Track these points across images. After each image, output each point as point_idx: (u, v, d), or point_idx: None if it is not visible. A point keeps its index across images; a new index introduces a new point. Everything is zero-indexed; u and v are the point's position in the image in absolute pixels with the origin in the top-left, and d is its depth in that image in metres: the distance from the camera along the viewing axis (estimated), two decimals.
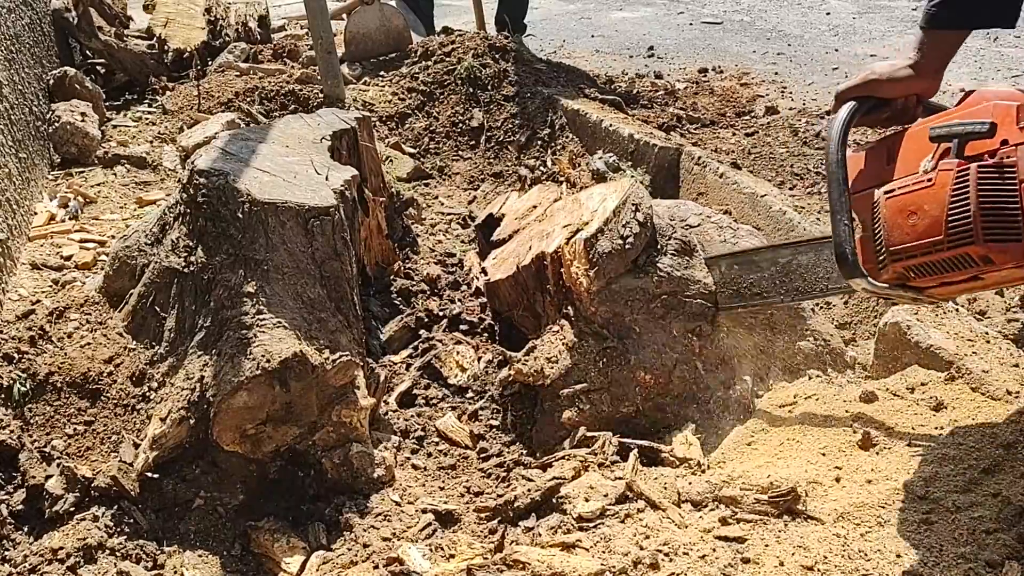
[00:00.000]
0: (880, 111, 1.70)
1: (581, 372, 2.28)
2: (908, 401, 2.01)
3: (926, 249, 1.46)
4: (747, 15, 6.99)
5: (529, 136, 4.10)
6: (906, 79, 1.66)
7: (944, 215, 1.42)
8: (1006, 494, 1.68)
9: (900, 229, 1.51)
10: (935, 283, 1.53)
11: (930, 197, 1.45)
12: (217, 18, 5.02)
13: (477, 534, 1.94)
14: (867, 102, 1.67)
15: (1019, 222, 1.37)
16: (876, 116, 1.71)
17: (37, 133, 3.30)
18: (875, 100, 1.68)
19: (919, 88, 1.68)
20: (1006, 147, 1.40)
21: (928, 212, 1.45)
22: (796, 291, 2.10)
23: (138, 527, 1.93)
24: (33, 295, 2.42)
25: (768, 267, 2.16)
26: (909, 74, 1.66)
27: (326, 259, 2.20)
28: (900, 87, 1.67)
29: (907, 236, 1.49)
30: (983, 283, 1.49)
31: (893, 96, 1.68)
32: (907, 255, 1.50)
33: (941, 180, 1.44)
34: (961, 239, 1.41)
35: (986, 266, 1.41)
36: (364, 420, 2.11)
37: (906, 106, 1.69)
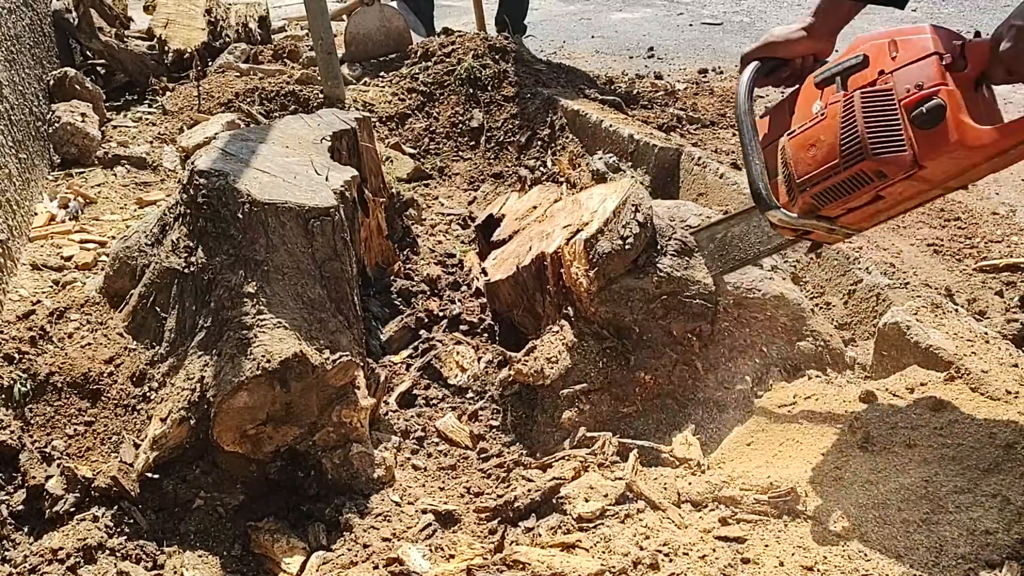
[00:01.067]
0: (781, 71, 1.86)
1: (581, 372, 2.28)
2: (908, 401, 2.01)
3: (826, 174, 1.64)
4: (747, 16, 6.99)
5: (529, 137, 4.10)
6: (801, 40, 1.82)
7: (837, 140, 1.61)
8: (1006, 494, 1.68)
9: (803, 162, 1.68)
10: (842, 209, 1.69)
11: (824, 129, 1.65)
12: (217, 19, 5.03)
13: (477, 534, 1.94)
14: (769, 62, 1.84)
15: (902, 135, 1.55)
16: (778, 76, 1.87)
17: (37, 133, 3.30)
18: (776, 60, 1.85)
19: (814, 49, 1.84)
20: (883, 75, 1.58)
21: (824, 141, 1.64)
22: (736, 260, 2.28)
23: (138, 527, 1.93)
24: (34, 295, 2.42)
25: (707, 244, 2.33)
26: (803, 35, 1.82)
27: (326, 259, 2.20)
28: (796, 48, 1.83)
29: (810, 166, 1.67)
30: (885, 204, 1.66)
31: (790, 56, 1.84)
32: (811, 183, 1.67)
33: (831, 112, 1.64)
34: (854, 157, 1.59)
35: (880, 181, 1.59)
36: (364, 420, 2.11)
37: (804, 66, 1.84)
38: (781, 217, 1.75)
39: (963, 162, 1.58)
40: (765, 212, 1.77)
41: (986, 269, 2.97)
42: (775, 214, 1.76)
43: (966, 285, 2.89)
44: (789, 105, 1.80)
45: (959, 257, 3.08)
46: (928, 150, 1.55)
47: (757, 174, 1.74)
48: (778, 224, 1.82)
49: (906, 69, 1.56)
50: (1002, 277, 2.91)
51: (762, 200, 1.75)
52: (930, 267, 3.00)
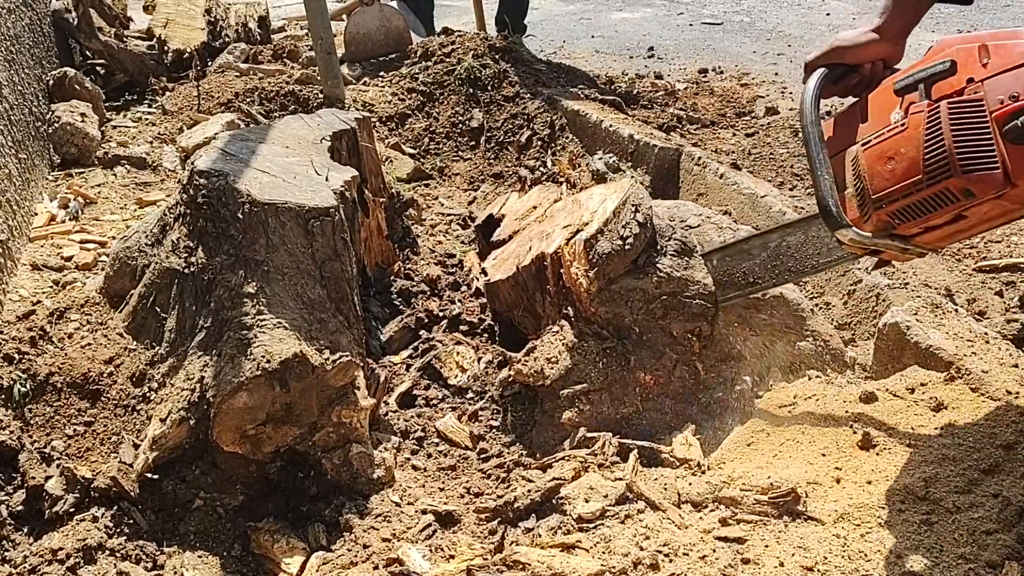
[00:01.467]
0: (849, 78, 1.74)
1: (581, 372, 2.28)
2: (908, 401, 2.01)
3: (907, 191, 1.50)
4: (747, 15, 6.99)
5: (529, 136, 4.10)
6: (870, 44, 1.71)
7: (921, 154, 1.47)
8: (1006, 494, 1.68)
9: (880, 176, 1.55)
10: (920, 228, 1.56)
11: (905, 140, 1.51)
12: (217, 19, 5.02)
13: (477, 535, 1.94)
14: (836, 69, 1.72)
15: (993, 151, 1.41)
16: (845, 83, 1.75)
17: (37, 134, 3.30)
18: (843, 67, 1.72)
19: (883, 53, 1.72)
20: (972, 84, 1.45)
21: (905, 155, 1.50)
22: (789, 272, 2.16)
23: (138, 528, 1.93)
24: (33, 296, 2.42)
25: (759, 253, 2.21)
26: (873, 38, 1.71)
27: (326, 260, 2.20)
28: (865, 52, 1.72)
29: (887, 181, 1.53)
30: (967, 223, 1.53)
31: (859, 61, 1.73)
32: (889, 200, 1.54)
33: (914, 123, 1.50)
34: (940, 174, 1.45)
35: (967, 199, 1.46)
36: (364, 421, 2.11)
37: (874, 72, 1.74)
38: (852, 237, 1.61)
39: None
40: (835, 231, 1.64)
41: (986, 269, 2.97)
42: (846, 233, 1.61)
43: (966, 285, 2.89)
44: (860, 112, 1.68)
45: (959, 257, 3.08)
46: (1022, 168, 1.41)
47: (827, 189, 1.61)
48: (848, 244, 1.68)
49: (999, 78, 1.43)
50: (1002, 277, 2.91)
51: (832, 218, 1.61)
52: (930, 267, 3.00)
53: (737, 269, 2.28)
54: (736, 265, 2.28)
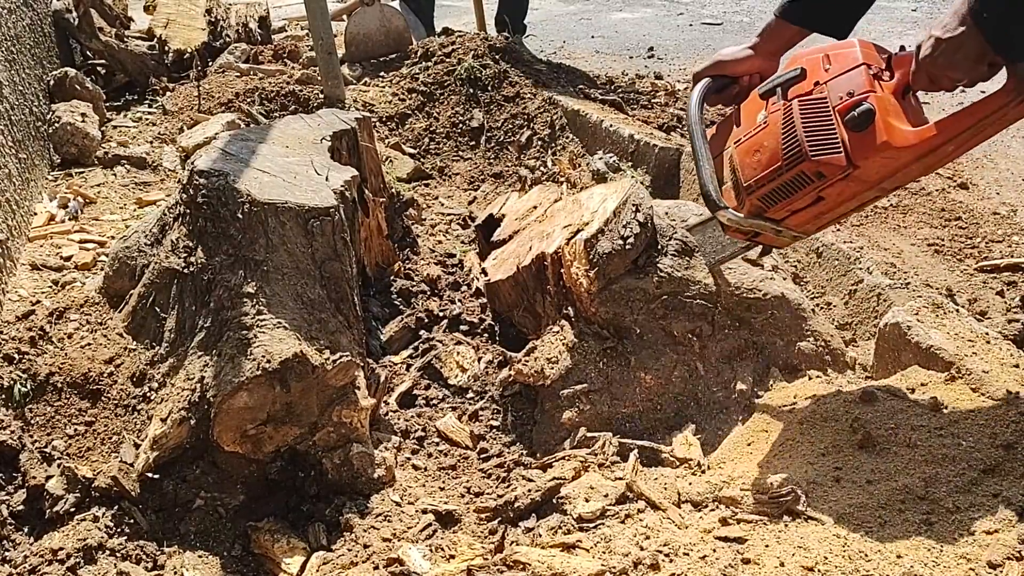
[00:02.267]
0: (729, 88, 1.98)
1: (581, 372, 2.28)
2: (908, 401, 2.01)
3: (771, 176, 1.76)
4: (747, 16, 6.99)
5: (529, 136, 4.10)
6: (746, 59, 1.95)
7: (779, 145, 1.73)
8: (1006, 494, 1.68)
9: (749, 167, 1.81)
10: (786, 211, 1.81)
11: (767, 135, 1.78)
12: (217, 19, 5.03)
13: (477, 534, 1.94)
14: (718, 80, 1.97)
15: (837, 139, 1.67)
16: (727, 93, 1.99)
17: (37, 133, 3.30)
18: (724, 78, 1.97)
19: (759, 68, 1.95)
20: (818, 86, 1.72)
21: (767, 147, 1.77)
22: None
23: (138, 527, 1.93)
24: (33, 295, 2.42)
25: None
26: (749, 54, 1.95)
27: (326, 260, 2.20)
28: (742, 66, 1.96)
29: (755, 170, 1.79)
30: (826, 204, 1.77)
31: (737, 74, 1.97)
32: (758, 185, 1.79)
33: (773, 120, 1.77)
34: (795, 160, 1.71)
35: (820, 181, 1.71)
36: (364, 420, 2.11)
37: (751, 84, 1.95)
38: (730, 217, 1.85)
39: (894, 161, 1.70)
40: (715, 212, 1.87)
41: (987, 269, 2.97)
42: (724, 214, 1.85)
43: (967, 285, 2.89)
44: (735, 118, 1.94)
45: (960, 257, 3.08)
46: (861, 151, 1.67)
47: (707, 177, 1.84)
48: (727, 224, 1.93)
49: (839, 79, 1.70)
50: (1003, 277, 2.91)
51: (711, 201, 1.84)
52: (931, 267, 3.00)
53: None
54: None
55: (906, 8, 6.77)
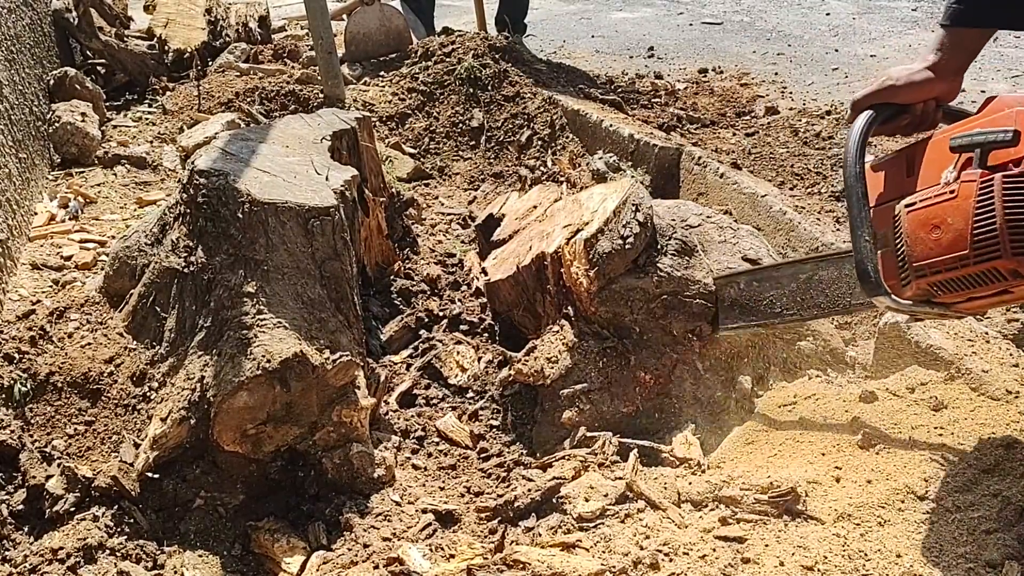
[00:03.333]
0: (899, 119, 1.63)
1: (581, 372, 2.28)
2: (908, 401, 2.01)
3: (951, 264, 1.40)
4: (747, 15, 6.99)
5: (529, 136, 4.10)
6: (925, 82, 1.59)
7: (969, 228, 1.36)
8: (1006, 494, 1.68)
9: (923, 244, 1.44)
10: (962, 298, 1.47)
11: (954, 210, 1.39)
12: (217, 18, 5.02)
13: (477, 534, 1.94)
14: (885, 110, 1.60)
15: None
16: (895, 124, 1.63)
17: (37, 133, 3.30)
18: (893, 107, 1.61)
19: (938, 91, 1.61)
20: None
21: (952, 226, 1.39)
22: (817, 307, 2.03)
23: (138, 527, 1.93)
24: (33, 295, 2.42)
25: (788, 283, 2.09)
26: (928, 77, 1.59)
27: (326, 259, 2.20)
28: (919, 92, 1.60)
29: (931, 251, 1.43)
30: (1012, 296, 1.44)
31: (912, 101, 1.61)
32: (932, 271, 1.44)
33: (964, 192, 1.38)
34: (988, 253, 1.35)
35: (1015, 280, 1.36)
36: (364, 420, 2.11)
37: (926, 111, 1.62)
38: (889, 304, 1.53)
39: None
40: (872, 297, 1.55)
41: None
42: (884, 300, 1.53)
43: None
44: (910, 160, 1.57)
45: None
46: None
47: (866, 253, 1.51)
48: (884, 309, 1.61)
49: None
50: None
51: (870, 284, 1.52)
52: None
53: (763, 296, 2.17)
54: (763, 292, 2.17)
55: (906, 8, 6.77)
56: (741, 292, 2.23)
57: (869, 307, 1.96)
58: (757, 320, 2.19)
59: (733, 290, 2.25)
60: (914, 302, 1.51)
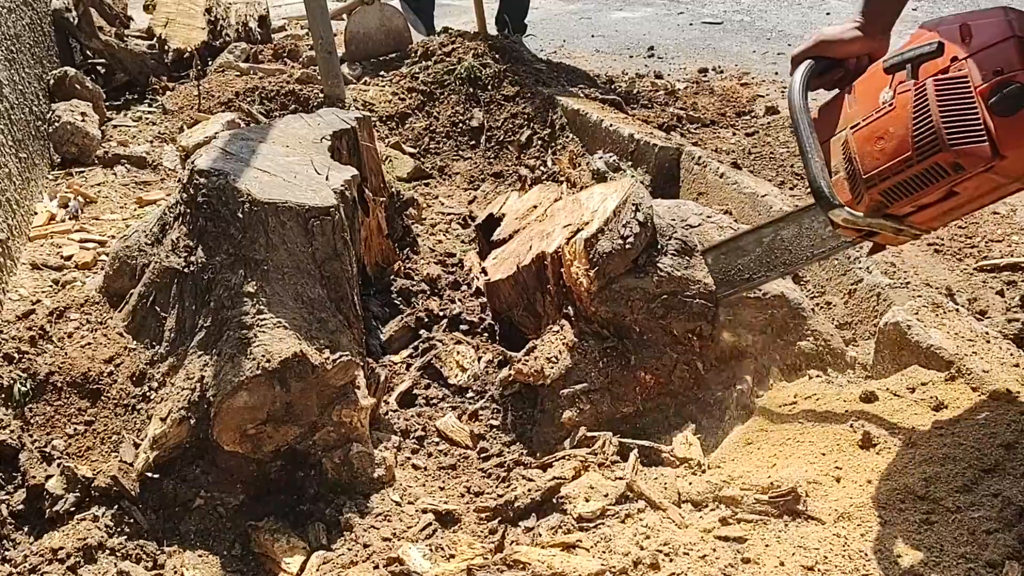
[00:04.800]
0: (834, 72, 1.75)
1: (581, 372, 2.28)
2: (908, 401, 2.01)
3: (898, 168, 1.51)
4: (747, 15, 6.99)
5: (529, 136, 4.10)
6: (854, 40, 1.72)
7: (909, 132, 1.48)
8: (1006, 494, 1.68)
9: (871, 156, 1.56)
10: (912, 207, 1.57)
11: (894, 119, 1.52)
12: (217, 18, 5.02)
13: (477, 534, 1.94)
14: (821, 62, 1.73)
15: (980, 125, 1.43)
16: (830, 76, 1.76)
17: (37, 133, 3.30)
18: (828, 61, 1.73)
19: (868, 48, 1.73)
20: (956, 62, 1.46)
21: (894, 133, 1.51)
22: (784, 264, 2.14)
23: (138, 527, 1.93)
24: (33, 295, 2.42)
25: (754, 249, 2.18)
26: (857, 35, 1.72)
27: (326, 259, 2.20)
28: (848, 47, 1.73)
29: (878, 160, 1.54)
30: (959, 200, 1.54)
31: (844, 56, 1.73)
32: (880, 178, 1.55)
33: (902, 101, 1.51)
34: (929, 149, 1.46)
35: (957, 174, 1.47)
36: (364, 420, 2.11)
37: (859, 66, 1.74)
38: (846, 216, 1.62)
39: None
40: (828, 211, 1.64)
41: (987, 268, 2.97)
42: (839, 213, 1.62)
43: (967, 284, 2.89)
44: (847, 98, 1.70)
45: (960, 256, 3.08)
46: (1009, 139, 1.43)
47: (818, 171, 1.62)
48: (842, 224, 1.68)
49: (983, 54, 1.45)
50: (1003, 276, 2.91)
51: (824, 198, 1.61)
52: (931, 266, 3.00)
53: (733, 266, 2.25)
54: (732, 262, 2.25)
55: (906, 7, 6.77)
56: (711, 269, 2.30)
57: (834, 251, 2.07)
58: (731, 290, 2.27)
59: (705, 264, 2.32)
60: (868, 214, 1.61)
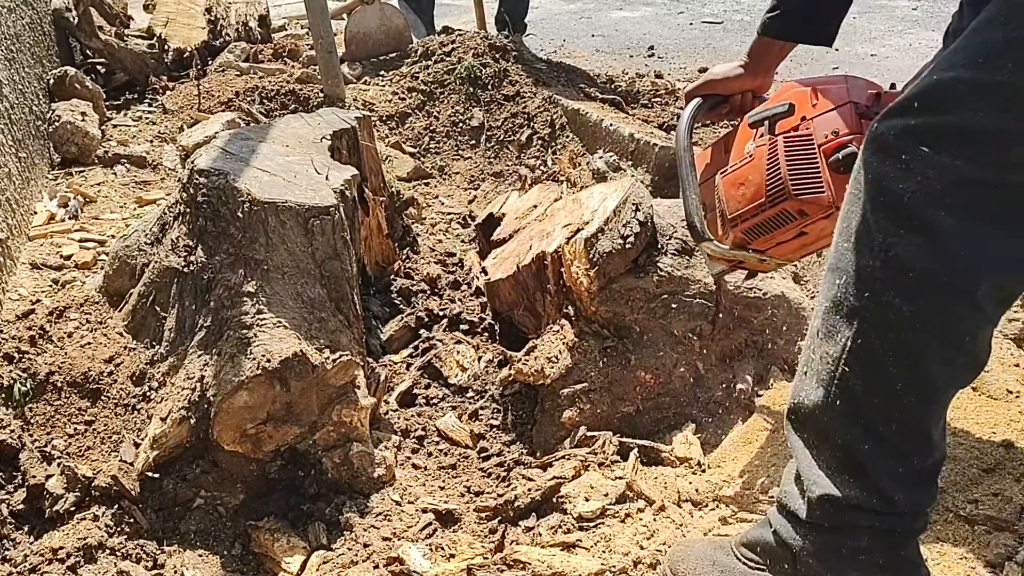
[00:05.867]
0: (720, 107, 1.98)
1: (581, 372, 2.28)
2: None
3: (754, 211, 1.72)
4: (747, 15, 6.99)
5: (529, 135, 4.09)
6: (737, 78, 1.93)
7: (763, 180, 1.69)
8: (1007, 493, 1.68)
9: (734, 199, 1.77)
10: (770, 243, 1.78)
11: (752, 169, 1.73)
12: (217, 18, 5.02)
13: (477, 534, 1.94)
14: (710, 99, 1.96)
15: (820, 178, 1.63)
16: (718, 111, 1.99)
17: (37, 132, 3.30)
18: (716, 97, 1.96)
19: (751, 86, 1.94)
20: (804, 121, 1.68)
21: (752, 181, 1.72)
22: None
23: (138, 527, 1.93)
24: (33, 295, 2.42)
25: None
26: (740, 73, 1.93)
27: (326, 259, 2.20)
28: (734, 85, 1.94)
29: (739, 203, 1.75)
30: (809, 238, 1.74)
31: (729, 93, 1.95)
32: (741, 219, 1.75)
33: (759, 154, 1.72)
34: (778, 197, 1.67)
35: (802, 219, 1.67)
36: (364, 420, 2.11)
37: (744, 102, 1.95)
38: (713, 248, 1.84)
39: None
40: (698, 243, 1.86)
41: None
42: (708, 245, 1.84)
43: None
44: (726, 142, 1.91)
45: None
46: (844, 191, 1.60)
47: (693, 207, 1.81)
48: (711, 254, 1.90)
49: (824, 116, 1.66)
50: None
51: (696, 232, 1.82)
52: None
53: None
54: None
55: (906, 7, 6.77)
56: None
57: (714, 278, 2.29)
58: None
59: None
60: (733, 247, 1.82)
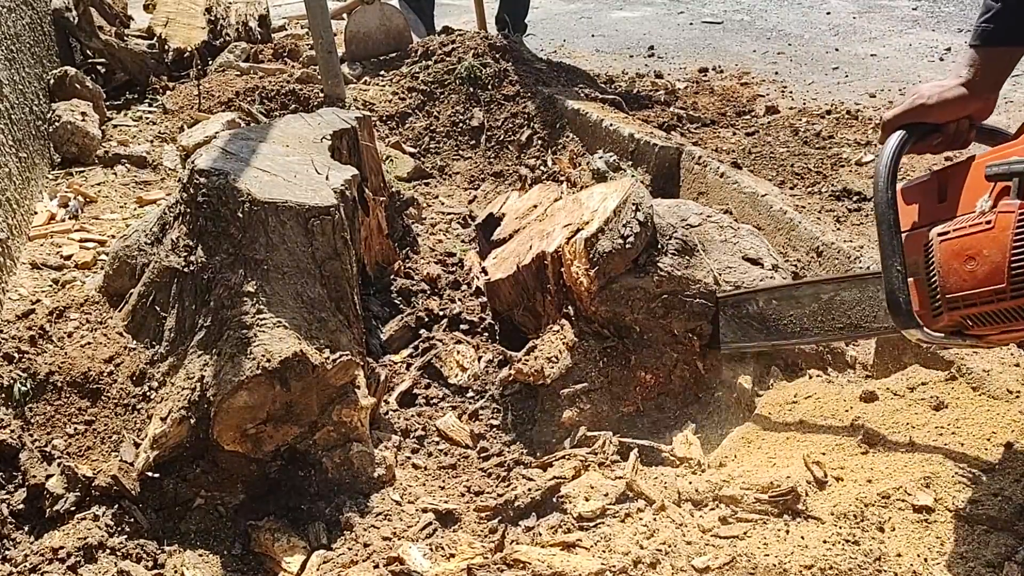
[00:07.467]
0: (930, 138, 1.56)
1: (581, 372, 2.28)
2: (908, 401, 2.01)
3: (987, 298, 1.34)
4: (747, 15, 6.99)
5: (529, 135, 4.09)
6: (958, 100, 1.53)
7: (1007, 261, 1.30)
8: (1006, 493, 1.68)
9: (957, 275, 1.38)
10: (996, 331, 1.41)
11: (990, 241, 1.33)
12: (217, 18, 5.02)
13: (477, 533, 1.94)
14: (917, 129, 1.54)
15: None
16: (926, 144, 1.57)
17: (37, 133, 3.30)
18: (925, 126, 1.54)
19: (972, 110, 1.55)
20: None
21: (988, 258, 1.33)
22: (839, 330, 1.98)
23: (138, 526, 1.93)
24: (33, 295, 2.42)
25: (809, 303, 2.03)
26: (961, 94, 1.52)
27: (326, 259, 2.20)
28: (952, 110, 1.53)
29: (965, 283, 1.37)
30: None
31: (944, 120, 1.54)
32: (966, 303, 1.38)
33: (1002, 223, 1.32)
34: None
35: None
36: (364, 420, 2.11)
37: (959, 130, 1.56)
38: (920, 337, 1.47)
39: None
40: (903, 329, 1.49)
41: None
42: (915, 333, 1.47)
43: None
44: (942, 184, 1.50)
45: None
46: None
47: (898, 284, 1.46)
48: (915, 341, 1.54)
49: None
50: None
51: (901, 316, 1.47)
52: None
53: (784, 314, 2.10)
54: (784, 311, 2.10)
55: (906, 7, 6.77)
56: (760, 310, 2.12)
57: (891, 332, 1.83)
58: (776, 339, 2.13)
59: (752, 307, 2.16)
60: (946, 334, 1.46)
